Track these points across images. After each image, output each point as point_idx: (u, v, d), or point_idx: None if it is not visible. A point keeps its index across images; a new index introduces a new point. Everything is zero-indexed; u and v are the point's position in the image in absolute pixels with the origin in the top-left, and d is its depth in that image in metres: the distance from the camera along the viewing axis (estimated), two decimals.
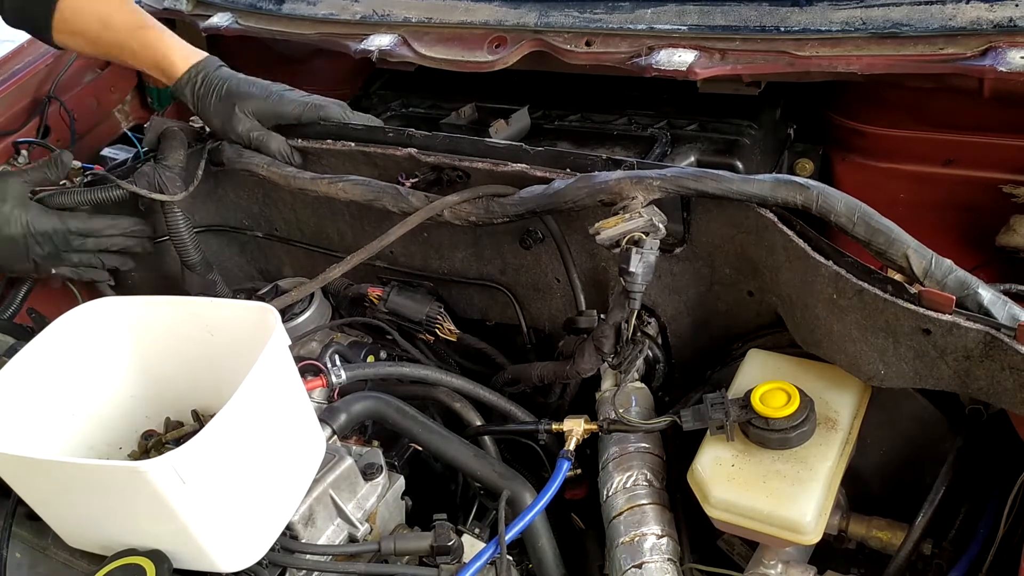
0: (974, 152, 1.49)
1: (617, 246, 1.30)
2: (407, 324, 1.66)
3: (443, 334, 1.64)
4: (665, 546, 1.25)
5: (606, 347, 1.37)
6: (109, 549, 1.11)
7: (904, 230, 1.16)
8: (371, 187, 1.53)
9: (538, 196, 1.38)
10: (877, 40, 1.41)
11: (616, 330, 1.36)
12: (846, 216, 1.17)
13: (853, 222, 1.16)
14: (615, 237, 1.29)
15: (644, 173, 1.28)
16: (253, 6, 1.99)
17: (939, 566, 1.22)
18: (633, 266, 1.27)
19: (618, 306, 1.34)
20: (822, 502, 1.16)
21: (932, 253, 1.13)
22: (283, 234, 1.83)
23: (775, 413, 1.19)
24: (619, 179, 1.29)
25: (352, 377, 1.46)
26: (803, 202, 1.20)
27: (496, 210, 1.43)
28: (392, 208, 1.50)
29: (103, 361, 1.29)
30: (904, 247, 1.13)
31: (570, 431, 1.36)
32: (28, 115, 2.01)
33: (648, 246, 1.28)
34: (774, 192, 1.21)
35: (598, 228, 1.30)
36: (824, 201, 1.18)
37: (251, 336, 1.17)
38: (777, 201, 1.21)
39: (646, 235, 1.28)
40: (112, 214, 1.68)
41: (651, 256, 1.28)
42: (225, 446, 1.05)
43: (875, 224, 1.16)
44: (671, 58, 1.52)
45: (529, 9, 1.69)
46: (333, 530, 1.26)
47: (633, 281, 1.29)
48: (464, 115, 1.78)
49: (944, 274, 1.11)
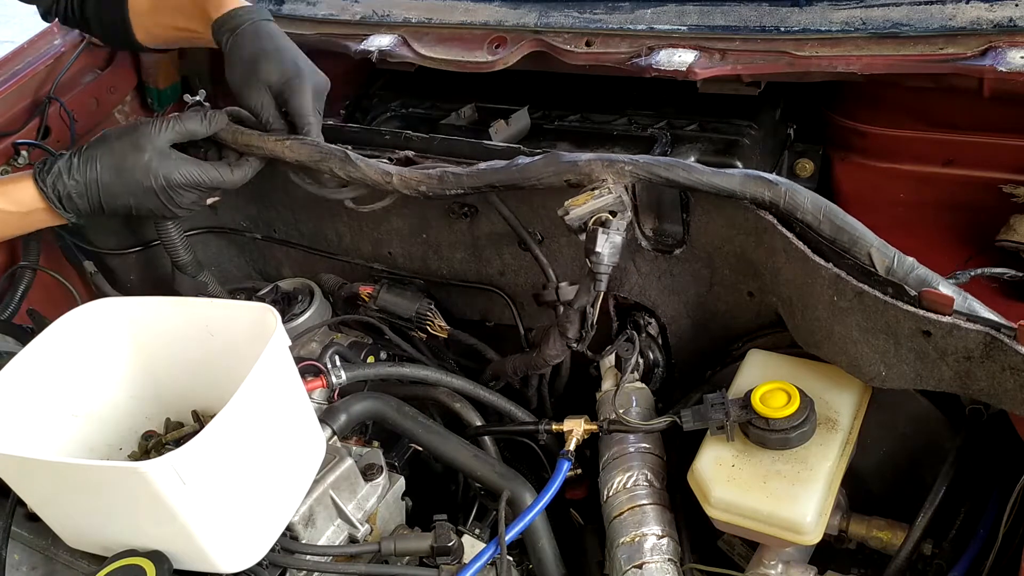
0: (974, 152, 1.49)
1: (583, 230, 1.29)
2: (398, 321, 1.66)
3: (433, 330, 1.64)
4: (665, 546, 1.25)
5: (571, 332, 1.36)
6: (109, 550, 1.11)
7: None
8: (319, 148, 1.45)
9: (499, 170, 1.36)
10: (877, 40, 1.41)
11: (582, 315, 1.35)
12: (812, 214, 1.18)
13: (819, 220, 1.18)
14: (584, 216, 1.27)
15: (615, 157, 1.29)
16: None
17: (939, 566, 1.22)
18: (599, 246, 1.26)
19: (584, 290, 1.33)
20: (822, 502, 1.16)
21: (895, 251, 1.15)
22: (282, 236, 1.83)
23: (775, 413, 1.19)
24: (589, 160, 1.29)
25: (352, 377, 1.46)
26: (771, 198, 1.21)
27: (451, 181, 1.39)
28: (339, 173, 1.44)
29: (103, 361, 1.29)
30: (868, 245, 1.15)
31: (570, 431, 1.36)
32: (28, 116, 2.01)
33: (615, 227, 1.27)
34: (743, 187, 1.22)
35: (567, 207, 1.28)
36: (791, 198, 1.19)
37: (251, 336, 1.17)
38: (746, 196, 1.23)
39: (613, 216, 1.27)
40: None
41: (617, 237, 1.27)
42: (225, 447, 1.05)
43: (840, 222, 1.17)
44: (671, 58, 1.52)
45: (529, 9, 1.69)
46: (333, 531, 1.26)
47: (599, 262, 1.27)
48: (464, 115, 1.78)
49: (906, 272, 1.13)
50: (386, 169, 1.43)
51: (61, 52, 2.08)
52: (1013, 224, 1.41)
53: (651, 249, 1.44)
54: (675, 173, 1.25)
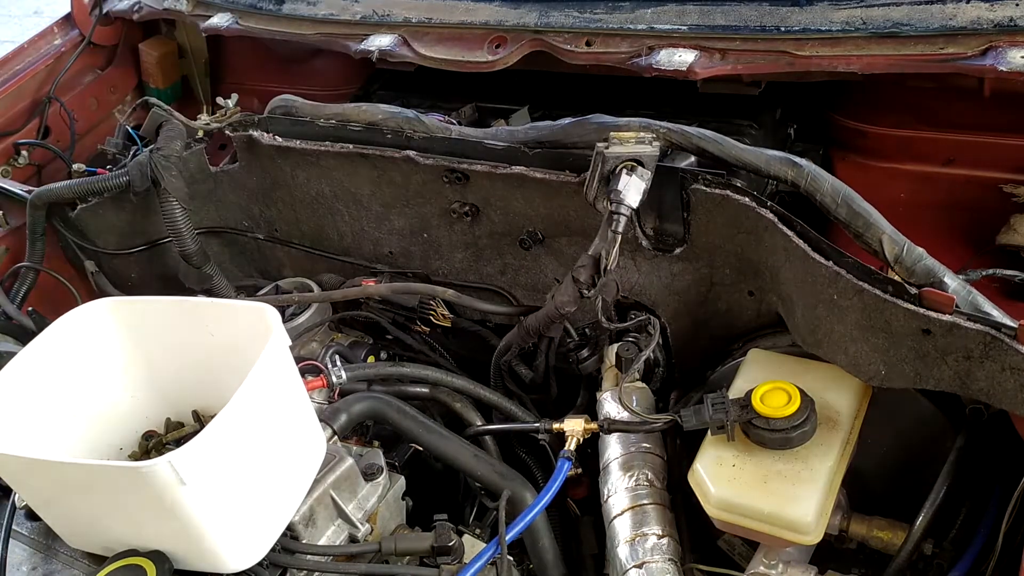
0: (974, 152, 1.49)
1: (605, 178, 1.30)
2: (401, 313, 1.66)
3: (437, 320, 1.63)
4: (666, 546, 1.25)
5: (583, 277, 1.36)
6: (110, 550, 1.11)
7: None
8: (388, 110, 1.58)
9: (543, 128, 1.43)
10: (877, 40, 1.41)
11: (595, 261, 1.35)
12: (831, 197, 1.22)
13: (836, 203, 1.21)
14: (620, 155, 1.30)
15: (652, 122, 1.34)
16: (253, 6, 1.98)
17: (940, 566, 1.22)
18: (622, 184, 1.28)
19: (601, 235, 1.33)
20: (823, 502, 1.16)
21: (906, 240, 1.17)
22: (283, 235, 1.83)
23: (776, 413, 1.19)
24: (628, 122, 1.34)
25: (352, 377, 1.46)
26: (793, 178, 1.24)
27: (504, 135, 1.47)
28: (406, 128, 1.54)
29: (103, 361, 1.28)
30: (880, 232, 1.18)
31: (571, 431, 1.36)
32: (28, 116, 2.02)
33: (641, 173, 1.29)
34: (768, 165, 1.27)
35: (610, 139, 1.32)
36: (813, 180, 1.23)
37: (251, 336, 1.17)
38: (770, 173, 1.27)
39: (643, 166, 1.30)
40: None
41: (641, 183, 1.29)
42: (226, 446, 1.05)
43: (856, 207, 1.20)
44: (671, 58, 1.52)
45: (529, 9, 1.69)
46: (334, 530, 1.26)
47: (620, 200, 1.28)
48: (464, 115, 1.78)
49: (914, 261, 1.15)
50: (446, 125, 1.53)
51: (61, 52, 2.08)
52: (1013, 224, 1.41)
53: (652, 248, 1.44)
54: (706, 143, 1.31)
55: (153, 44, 2.25)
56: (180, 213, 1.67)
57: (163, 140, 1.69)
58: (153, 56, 2.22)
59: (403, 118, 1.55)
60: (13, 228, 1.91)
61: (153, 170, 1.64)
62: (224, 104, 1.73)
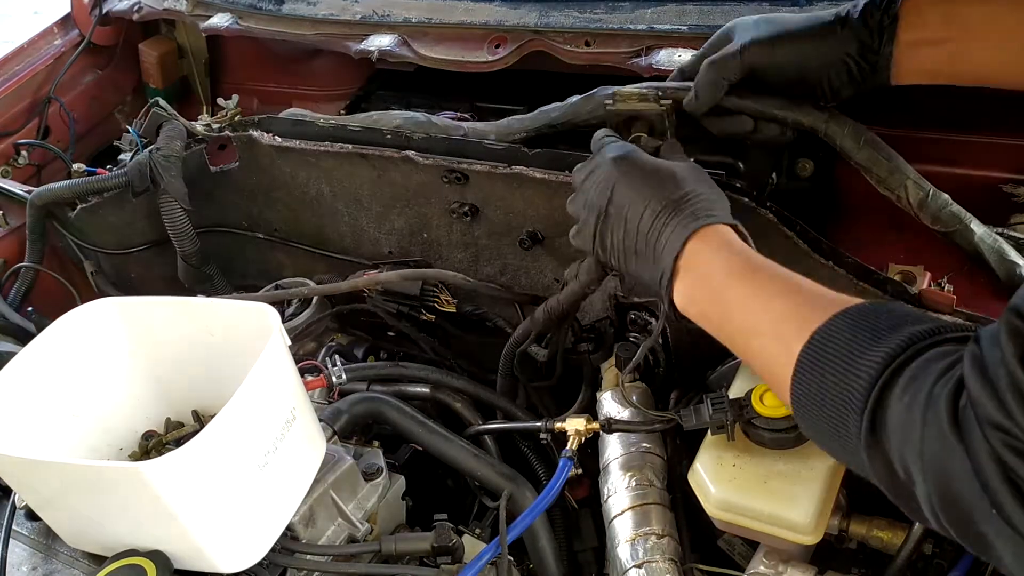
0: (974, 152, 1.49)
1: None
2: (404, 303, 1.65)
3: (441, 306, 1.63)
4: (666, 546, 1.25)
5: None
6: (110, 550, 1.11)
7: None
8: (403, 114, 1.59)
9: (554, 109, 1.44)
10: None
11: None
12: (852, 139, 1.18)
13: (859, 146, 1.18)
14: (627, 112, 1.27)
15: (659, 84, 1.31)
16: (253, 6, 1.98)
17: (940, 566, 1.22)
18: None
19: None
20: (823, 502, 1.16)
21: (931, 186, 1.14)
22: (283, 235, 1.83)
23: (776, 413, 1.19)
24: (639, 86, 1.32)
25: (352, 377, 1.46)
26: (810, 124, 1.21)
27: (516, 127, 1.48)
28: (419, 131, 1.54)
29: (103, 361, 1.28)
30: (904, 177, 1.15)
31: (572, 431, 1.36)
32: (28, 116, 2.02)
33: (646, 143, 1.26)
34: (783, 110, 1.20)
35: (617, 91, 1.27)
36: (834, 124, 1.20)
37: (251, 336, 1.17)
38: (788, 120, 1.21)
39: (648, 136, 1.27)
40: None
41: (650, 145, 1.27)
42: (226, 447, 1.05)
43: (879, 151, 1.17)
44: (671, 58, 1.52)
45: (529, 9, 1.69)
46: (334, 530, 1.26)
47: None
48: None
49: (940, 207, 1.14)
50: (458, 124, 1.53)
51: (61, 52, 2.08)
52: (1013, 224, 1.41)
53: None
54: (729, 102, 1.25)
55: (153, 44, 2.25)
56: (180, 213, 1.67)
57: (163, 140, 1.69)
58: (153, 56, 2.22)
59: (415, 122, 1.55)
60: (13, 228, 1.91)
61: (153, 170, 1.65)
62: (224, 104, 1.74)
